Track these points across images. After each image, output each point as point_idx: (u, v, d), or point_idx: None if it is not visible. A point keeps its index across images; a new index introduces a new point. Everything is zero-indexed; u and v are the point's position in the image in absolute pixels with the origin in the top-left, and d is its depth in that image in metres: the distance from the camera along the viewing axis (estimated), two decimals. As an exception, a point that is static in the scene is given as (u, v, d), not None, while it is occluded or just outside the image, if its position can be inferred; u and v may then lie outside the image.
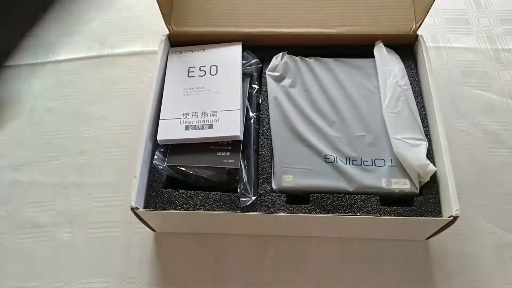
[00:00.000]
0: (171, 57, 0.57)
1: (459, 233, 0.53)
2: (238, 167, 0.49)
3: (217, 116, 0.51)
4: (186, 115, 0.52)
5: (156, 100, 0.53)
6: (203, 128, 0.50)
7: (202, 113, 0.51)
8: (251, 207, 0.47)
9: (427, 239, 0.51)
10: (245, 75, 0.56)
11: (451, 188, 0.44)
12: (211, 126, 0.50)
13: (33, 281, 0.52)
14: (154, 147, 0.51)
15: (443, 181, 0.46)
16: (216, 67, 0.55)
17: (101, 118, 0.63)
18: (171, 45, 0.59)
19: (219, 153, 0.50)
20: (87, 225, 0.55)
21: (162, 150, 0.51)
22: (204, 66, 0.56)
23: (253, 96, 0.55)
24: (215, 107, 0.52)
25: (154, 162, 0.50)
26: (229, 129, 0.50)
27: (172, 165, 0.50)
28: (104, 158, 0.60)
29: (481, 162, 0.57)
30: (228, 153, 0.50)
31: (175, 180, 0.51)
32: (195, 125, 0.51)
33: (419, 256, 0.51)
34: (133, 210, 0.45)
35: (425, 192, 0.48)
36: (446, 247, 0.52)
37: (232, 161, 0.49)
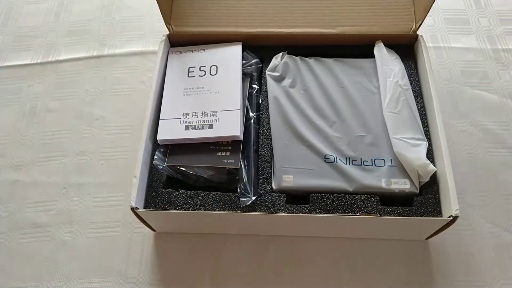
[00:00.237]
0: (171, 57, 0.57)
1: (459, 233, 0.53)
2: (238, 167, 0.49)
3: (217, 116, 0.51)
4: (186, 115, 0.52)
5: (156, 100, 0.53)
6: (203, 128, 0.50)
7: (202, 113, 0.51)
8: (251, 207, 0.47)
9: (427, 239, 0.51)
10: (245, 75, 0.56)
11: (451, 188, 0.44)
12: (211, 126, 0.50)
13: (33, 281, 0.52)
14: (154, 147, 0.51)
15: (443, 181, 0.46)
16: (216, 67, 0.55)
17: (101, 118, 0.63)
18: (171, 45, 0.59)
19: (219, 153, 0.50)
20: (87, 225, 0.55)
21: (162, 150, 0.51)
22: (204, 66, 0.56)
23: (253, 96, 0.55)
24: (215, 107, 0.52)
25: (154, 162, 0.50)
26: (229, 129, 0.50)
27: (172, 165, 0.50)
28: (104, 158, 0.60)
29: (481, 162, 0.58)
30: (228, 153, 0.50)
31: (175, 180, 0.51)
32: (195, 125, 0.51)
33: (419, 256, 0.51)
34: (133, 210, 0.45)
35: (425, 192, 0.48)
36: (446, 247, 0.52)
37: (232, 161, 0.49)
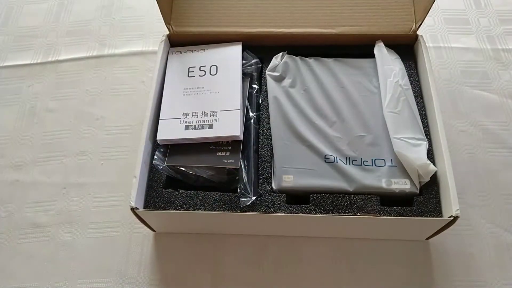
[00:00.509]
0: (171, 57, 0.57)
1: (459, 233, 0.53)
2: (238, 167, 0.49)
3: (217, 116, 0.51)
4: (186, 115, 0.52)
5: (156, 100, 0.53)
6: (203, 128, 0.50)
7: (202, 113, 0.51)
8: (251, 207, 0.47)
9: (427, 239, 0.51)
10: (245, 75, 0.56)
11: (451, 188, 0.44)
12: (211, 126, 0.50)
13: (33, 281, 0.52)
14: (154, 147, 0.51)
15: (443, 181, 0.46)
16: (216, 67, 0.55)
17: (101, 118, 0.63)
18: (171, 45, 0.59)
19: (219, 153, 0.50)
20: (87, 225, 0.55)
21: (162, 150, 0.51)
22: (204, 66, 0.56)
23: (253, 96, 0.55)
24: (215, 107, 0.52)
25: (154, 162, 0.50)
26: (229, 129, 0.50)
27: (172, 165, 0.49)
28: (104, 158, 0.60)
29: (481, 162, 0.58)
30: (228, 153, 0.50)
31: (175, 180, 0.51)
32: (195, 125, 0.51)
33: (419, 256, 0.51)
34: (133, 210, 0.45)
35: (425, 192, 0.48)
36: (446, 247, 0.52)
37: (232, 161, 0.49)
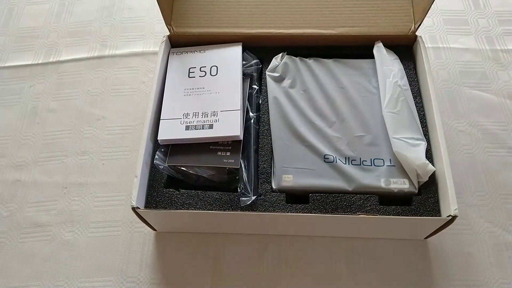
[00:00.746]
0: (171, 58, 0.58)
1: (457, 233, 0.53)
2: (238, 167, 0.49)
3: (217, 116, 0.51)
4: (187, 115, 0.52)
5: (157, 100, 0.53)
6: (203, 128, 0.50)
7: (203, 113, 0.52)
8: (251, 207, 0.48)
9: (426, 238, 0.52)
10: (245, 75, 0.56)
11: (450, 188, 0.44)
12: (211, 126, 0.50)
13: (34, 280, 0.52)
14: (155, 147, 0.52)
15: (441, 180, 0.47)
16: (217, 67, 0.56)
17: (102, 118, 0.64)
18: (172, 45, 0.59)
19: (219, 153, 0.50)
20: (88, 224, 0.56)
21: (163, 150, 0.51)
22: (205, 67, 0.56)
23: (253, 96, 0.55)
24: (216, 107, 0.52)
25: (155, 162, 0.50)
26: (229, 129, 0.50)
27: (173, 165, 0.50)
28: (105, 158, 0.60)
29: (479, 162, 0.58)
30: (228, 153, 0.50)
31: (175, 180, 0.51)
32: (195, 125, 0.51)
33: (418, 256, 0.52)
34: (134, 209, 0.45)
35: (424, 191, 0.48)
36: (445, 246, 0.52)
37: (232, 161, 0.49)
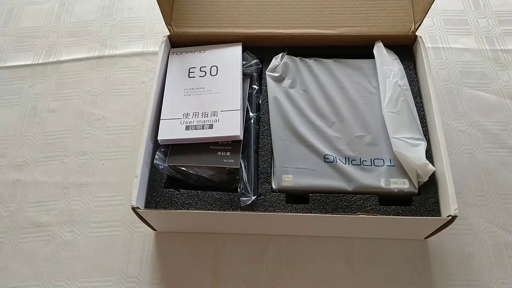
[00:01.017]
0: (171, 58, 0.58)
1: (457, 233, 0.53)
2: (238, 166, 0.49)
3: (217, 116, 0.51)
4: (187, 115, 0.52)
5: (157, 100, 0.53)
6: (203, 128, 0.50)
7: (203, 113, 0.52)
8: (251, 207, 0.48)
9: (425, 238, 0.52)
10: (245, 75, 0.56)
11: (450, 188, 0.44)
12: (211, 126, 0.51)
13: (34, 280, 0.52)
14: (155, 147, 0.52)
15: (441, 180, 0.47)
16: (217, 67, 0.56)
17: (102, 118, 0.64)
18: (172, 45, 0.59)
19: (219, 153, 0.50)
20: (88, 224, 0.56)
21: (163, 150, 0.51)
22: (205, 67, 0.56)
23: (253, 96, 0.55)
24: (216, 107, 0.52)
25: (155, 162, 0.50)
26: (229, 129, 0.50)
27: (173, 165, 0.50)
28: (105, 158, 0.60)
29: (479, 162, 0.58)
30: (228, 153, 0.50)
31: (175, 180, 0.51)
32: (195, 125, 0.51)
33: (418, 256, 0.52)
34: (134, 209, 0.45)
35: (424, 191, 0.48)
36: (445, 246, 0.52)
37: (232, 161, 0.49)
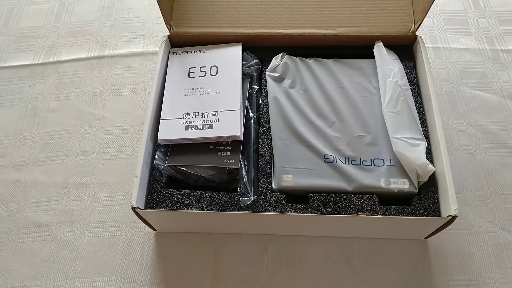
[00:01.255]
0: (171, 58, 0.58)
1: (457, 233, 0.53)
2: (238, 166, 0.49)
3: (217, 116, 0.51)
4: (187, 115, 0.52)
5: (157, 100, 0.53)
6: (203, 128, 0.50)
7: (203, 113, 0.52)
8: (251, 207, 0.48)
9: (425, 238, 0.52)
10: (245, 75, 0.56)
11: (450, 188, 0.44)
12: (211, 126, 0.51)
13: (34, 280, 0.52)
14: (155, 147, 0.52)
15: (441, 180, 0.47)
16: (217, 67, 0.56)
17: (102, 118, 0.64)
18: (172, 45, 0.59)
19: (219, 153, 0.50)
20: (88, 224, 0.56)
21: (163, 150, 0.51)
22: (205, 67, 0.56)
23: (253, 96, 0.55)
24: (216, 107, 0.52)
25: (155, 162, 0.50)
26: (229, 129, 0.50)
27: (173, 165, 0.50)
28: (105, 158, 0.60)
29: (479, 162, 0.58)
30: (228, 153, 0.50)
31: (175, 180, 0.51)
32: (195, 125, 0.51)
33: (418, 256, 0.52)
34: (134, 209, 0.45)
35: (424, 191, 0.48)
36: (445, 246, 0.52)
37: (232, 161, 0.49)
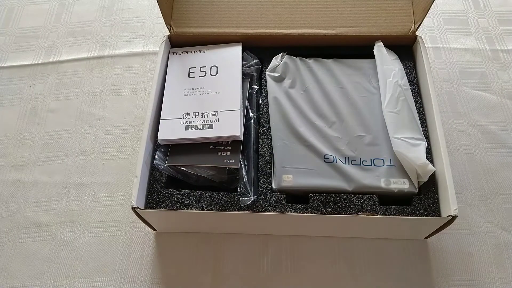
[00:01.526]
0: (171, 58, 0.58)
1: (457, 233, 0.53)
2: (238, 166, 0.49)
3: (217, 116, 0.51)
4: (187, 115, 0.52)
5: (157, 100, 0.53)
6: (203, 128, 0.50)
7: (203, 113, 0.52)
8: (251, 207, 0.48)
9: (425, 238, 0.52)
10: (245, 75, 0.56)
11: (450, 188, 0.44)
12: (211, 126, 0.51)
13: (34, 280, 0.52)
14: (155, 147, 0.52)
15: (441, 180, 0.47)
16: (217, 67, 0.56)
17: (102, 118, 0.64)
18: (172, 45, 0.59)
19: (219, 153, 0.50)
20: (88, 224, 0.56)
21: (163, 150, 0.51)
22: (205, 67, 0.56)
23: (253, 96, 0.55)
24: (216, 107, 0.52)
25: (155, 162, 0.50)
26: (229, 129, 0.50)
27: (173, 165, 0.50)
28: (105, 158, 0.60)
29: (479, 162, 0.58)
30: (228, 153, 0.50)
31: (175, 180, 0.51)
32: (195, 125, 0.51)
33: (418, 256, 0.52)
34: (134, 209, 0.45)
35: (424, 191, 0.48)
36: (445, 246, 0.52)
37: (232, 161, 0.49)
